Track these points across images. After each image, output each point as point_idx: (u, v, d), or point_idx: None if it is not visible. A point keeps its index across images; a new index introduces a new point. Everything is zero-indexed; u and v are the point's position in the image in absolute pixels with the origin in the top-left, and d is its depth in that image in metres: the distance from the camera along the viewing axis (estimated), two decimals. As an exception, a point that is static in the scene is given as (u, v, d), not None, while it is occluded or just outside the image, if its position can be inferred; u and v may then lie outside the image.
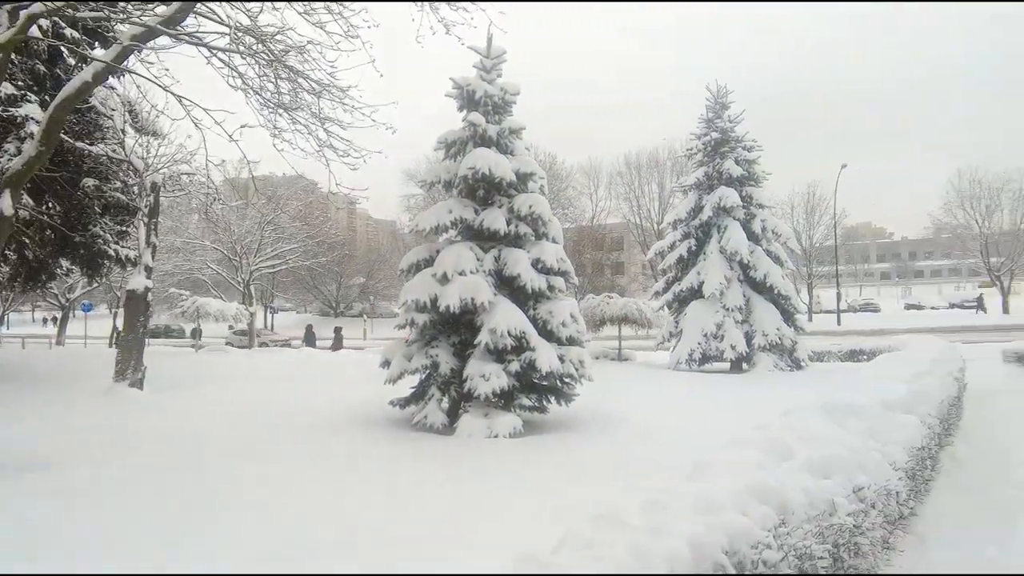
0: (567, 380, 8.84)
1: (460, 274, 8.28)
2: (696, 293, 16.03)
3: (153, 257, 12.50)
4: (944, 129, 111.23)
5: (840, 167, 34.47)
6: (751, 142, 16.29)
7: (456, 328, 8.88)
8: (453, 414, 8.65)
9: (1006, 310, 38.86)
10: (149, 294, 12.18)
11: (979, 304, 41.49)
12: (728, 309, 15.34)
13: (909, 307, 50.74)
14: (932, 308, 47.79)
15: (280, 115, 8.21)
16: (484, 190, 9.10)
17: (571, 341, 8.81)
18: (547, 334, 8.64)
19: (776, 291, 15.49)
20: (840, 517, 3.17)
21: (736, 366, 15.64)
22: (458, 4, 7.69)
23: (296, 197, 34.26)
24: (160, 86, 7.46)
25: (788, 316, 15.81)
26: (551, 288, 8.88)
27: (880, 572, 3.66)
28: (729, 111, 16.51)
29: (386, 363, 9.17)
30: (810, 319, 40.89)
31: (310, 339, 26.18)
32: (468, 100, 9.27)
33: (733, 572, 2.51)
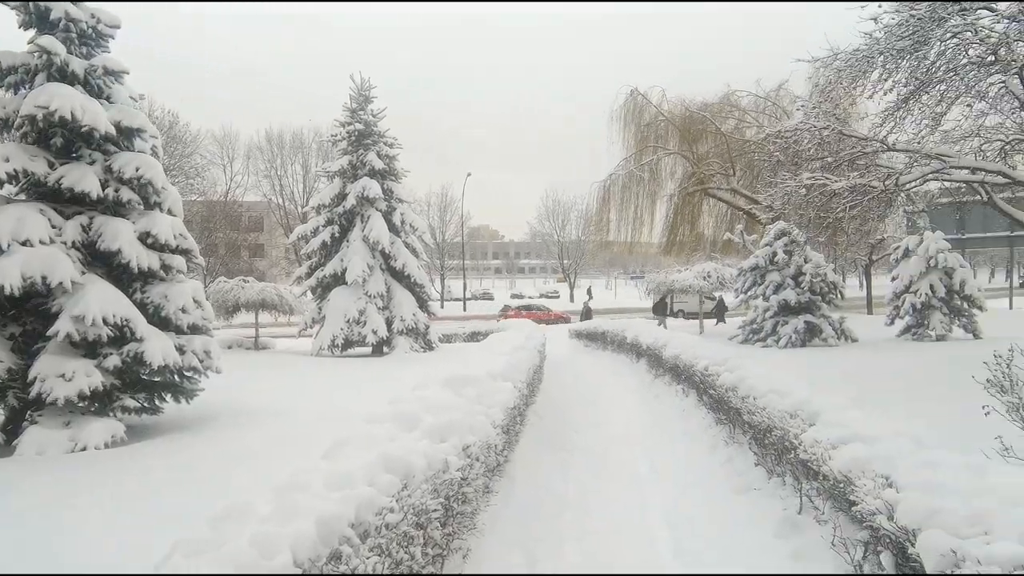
0: (189, 374, 7.67)
1: (23, 244, 6.22)
2: (339, 279, 16.10)
3: None
4: (543, 150, 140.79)
5: (466, 175, 39.84)
6: (392, 139, 17.21)
7: (16, 316, 6.67)
8: (13, 430, 6.49)
9: (572, 299, 51.93)
10: None
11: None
12: (371, 296, 15.93)
13: (514, 296, 62.60)
14: (530, 297, 60.06)
15: None
16: (64, 140, 7.04)
17: (194, 329, 7.67)
18: (162, 322, 7.31)
19: (413, 280, 16.85)
20: (451, 473, 3.63)
21: (377, 350, 16.40)
22: None
23: None
24: None
25: (423, 303, 17.41)
26: (167, 268, 7.53)
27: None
28: (373, 105, 17.06)
29: None
30: (442, 306, 46.12)
31: None
32: (38, 18, 7.02)
33: (358, 543, 2.59)
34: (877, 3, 7.74)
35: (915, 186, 9.54)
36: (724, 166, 21.54)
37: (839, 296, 15.54)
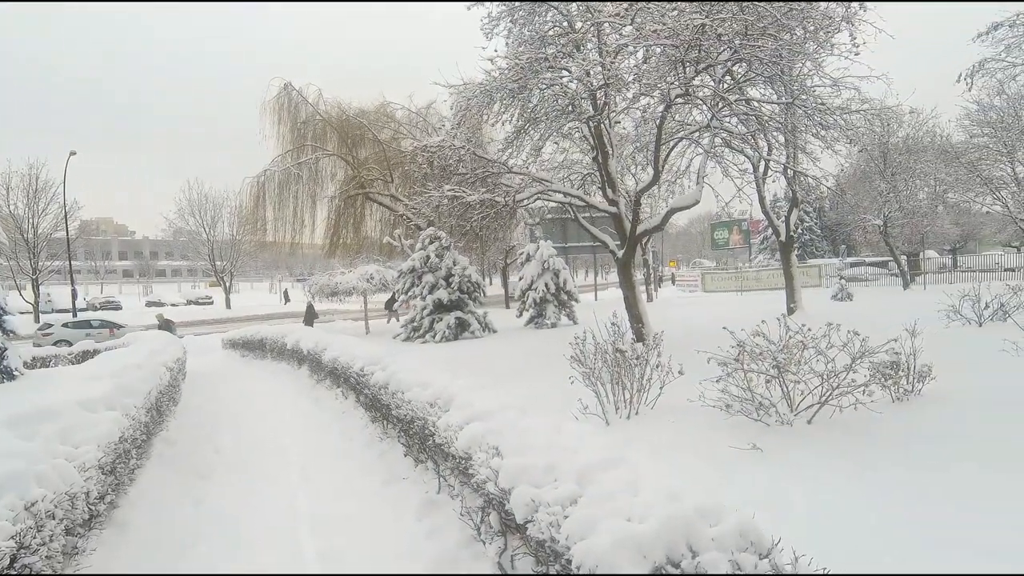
0: None
1: None
2: None
3: None
4: (179, 137, 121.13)
5: (69, 154, 31.26)
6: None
7: None
8: None
9: (228, 305, 46.39)
10: None
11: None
12: None
13: (151, 304, 52.19)
14: (173, 304, 50.97)
15: None
16: None
17: None
18: None
19: (-24, 287, 12.31)
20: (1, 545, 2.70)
21: (-94, 390, 11.39)
22: None
23: None
24: None
25: (-5, 318, 12.88)
26: None
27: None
28: None
29: None
30: (37, 320, 35.35)
31: None
32: None
33: None
34: (494, 48, 9.17)
35: (528, 203, 11.65)
36: (384, 173, 22.39)
37: (483, 294, 17.91)
